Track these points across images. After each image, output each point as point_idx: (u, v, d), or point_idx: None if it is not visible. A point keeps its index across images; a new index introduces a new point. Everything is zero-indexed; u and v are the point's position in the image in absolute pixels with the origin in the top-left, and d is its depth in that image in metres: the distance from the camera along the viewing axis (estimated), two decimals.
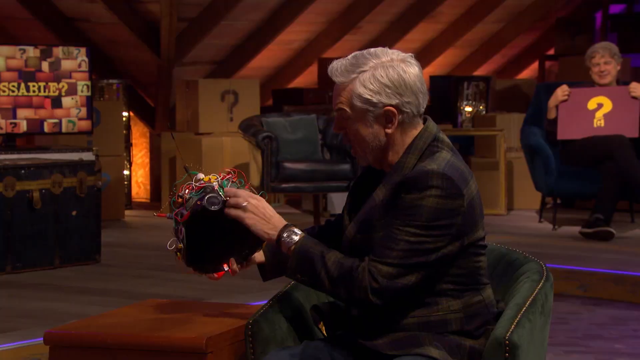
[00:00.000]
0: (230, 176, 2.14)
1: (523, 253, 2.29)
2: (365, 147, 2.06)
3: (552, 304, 2.18)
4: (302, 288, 2.27)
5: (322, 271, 2.00)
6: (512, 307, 2.08)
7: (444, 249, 2.00)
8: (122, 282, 4.75)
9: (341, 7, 7.44)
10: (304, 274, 2.04)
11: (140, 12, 6.70)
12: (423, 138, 2.06)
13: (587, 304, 4.57)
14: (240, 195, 2.09)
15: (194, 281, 4.73)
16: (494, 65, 9.08)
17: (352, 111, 2.05)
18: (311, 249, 2.04)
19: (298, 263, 2.04)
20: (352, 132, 2.07)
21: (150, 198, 7.46)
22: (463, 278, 2.07)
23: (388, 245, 1.98)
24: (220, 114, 6.70)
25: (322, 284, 2.02)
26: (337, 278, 2.00)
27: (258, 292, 4.38)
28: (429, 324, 2.05)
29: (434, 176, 1.98)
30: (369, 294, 1.97)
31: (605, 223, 5.58)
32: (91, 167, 5.21)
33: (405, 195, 1.99)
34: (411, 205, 1.98)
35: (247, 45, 7.29)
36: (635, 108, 5.69)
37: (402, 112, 2.04)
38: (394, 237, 1.98)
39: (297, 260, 2.04)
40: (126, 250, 5.58)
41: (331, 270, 2.00)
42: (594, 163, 5.70)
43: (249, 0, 6.76)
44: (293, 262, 2.04)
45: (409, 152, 2.05)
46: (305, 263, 2.02)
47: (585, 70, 5.95)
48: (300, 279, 2.05)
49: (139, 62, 7.06)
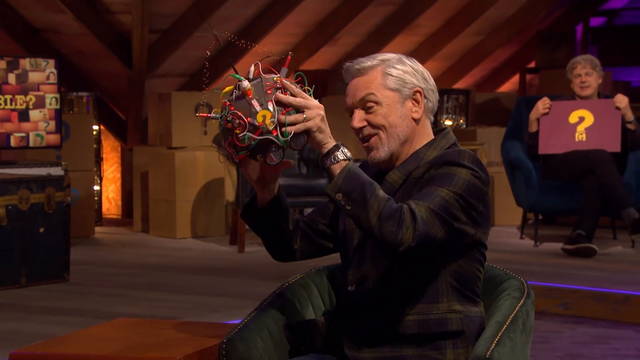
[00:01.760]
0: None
1: (504, 270, 2.26)
2: (392, 133, 2.07)
3: (533, 321, 2.15)
4: (277, 306, 2.16)
5: (373, 199, 1.91)
6: (493, 324, 2.06)
7: (465, 224, 2.00)
8: (91, 301, 4.62)
9: (318, 19, 7.36)
10: (348, 196, 1.91)
11: (110, 23, 6.56)
12: (446, 138, 2.12)
13: (568, 322, 4.50)
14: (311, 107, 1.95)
15: (166, 300, 4.60)
16: (474, 78, 9.03)
17: (381, 95, 2.07)
18: (362, 173, 1.95)
19: (346, 181, 1.92)
20: (380, 118, 2.07)
21: (121, 214, 7.32)
22: (464, 280, 2.07)
23: (423, 198, 1.98)
24: (194, 127, 6.55)
25: (367, 211, 1.91)
26: (387, 211, 1.91)
27: (232, 310, 4.24)
28: (428, 323, 2.03)
29: (466, 156, 2.03)
30: (412, 235, 1.91)
31: (587, 239, 5.52)
32: (60, 182, 5.06)
33: (438, 170, 2.02)
34: (445, 175, 2.00)
35: (222, 57, 7.16)
36: (617, 122, 5.64)
37: (427, 98, 2.10)
38: (429, 193, 1.98)
39: (346, 178, 1.92)
40: (96, 268, 5.44)
41: (382, 202, 1.92)
42: (576, 178, 5.64)
43: (223, 11, 6.65)
44: (340, 179, 1.92)
45: (430, 146, 2.10)
46: (354, 184, 1.92)
47: (566, 83, 5.90)
48: (341, 199, 1.91)
49: (110, 74, 6.92)
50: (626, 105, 5.67)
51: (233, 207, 5.96)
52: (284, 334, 2.11)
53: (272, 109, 1.91)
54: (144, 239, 6.43)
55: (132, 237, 6.56)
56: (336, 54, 7.79)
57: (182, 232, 6.38)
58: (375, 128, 2.06)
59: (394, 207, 1.92)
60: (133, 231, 6.74)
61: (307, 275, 2.28)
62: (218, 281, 5.06)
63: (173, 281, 5.07)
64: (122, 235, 6.61)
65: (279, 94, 1.93)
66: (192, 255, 5.83)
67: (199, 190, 6.41)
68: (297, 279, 2.27)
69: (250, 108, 1.91)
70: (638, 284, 4.74)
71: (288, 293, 2.22)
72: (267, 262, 5.65)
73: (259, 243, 6.24)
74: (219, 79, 6.95)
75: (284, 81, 1.96)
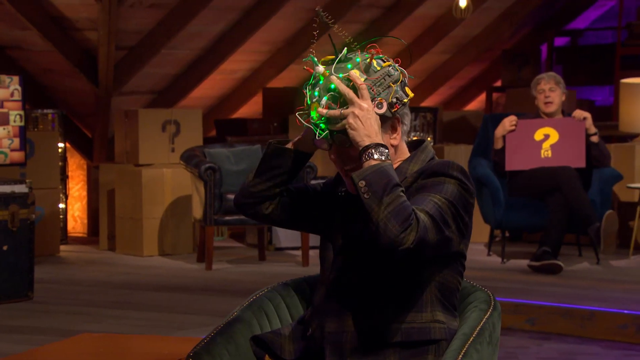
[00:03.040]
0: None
1: (471, 282, 2.26)
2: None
3: (499, 334, 2.15)
4: (245, 319, 2.13)
5: (390, 196, 1.94)
6: (459, 336, 2.06)
7: (453, 233, 2.02)
8: (55, 319, 4.54)
9: (286, 36, 7.37)
10: (370, 186, 1.95)
11: (76, 40, 6.51)
12: (425, 151, 2.13)
13: (535, 338, 4.50)
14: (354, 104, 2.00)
15: (132, 317, 4.54)
16: (441, 96, 9.08)
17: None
18: (393, 175, 1.98)
19: (373, 174, 1.95)
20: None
21: (87, 232, 7.24)
22: (446, 292, 2.08)
23: (418, 203, 2.00)
24: (161, 144, 6.51)
25: (380, 204, 1.94)
26: (397, 210, 1.93)
27: (199, 327, 4.19)
28: (411, 331, 2.04)
29: (455, 167, 2.05)
30: (414, 238, 1.93)
31: (553, 256, 5.55)
32: (24, 199, 4.99)
33: (426, 180, 2.05)
34: (435, 183, 2.03)
35: (189, 75, 7.15)
36: (581, 138, 5.70)
37: (403, 123, 2.11)
38: (423, 199, 2.01)
39: (375, 171, 1.96)
40: (60, 287, 5.36)
41: (397, 201, 1.94)
42: (542, 195, 5.67)
43: (190, 28, 6.63)
44: (368, 170, 1.96)
45: (410, 161, 2.11)
46: (379, 178, 1.95)
47: (532, 102, 5.95)
48: (363, 187, 1.95)
49: (76, 92, 6.86)
50: (589, 117, 5.73)
51: (201, 224, 5.92)
52: (251, 347, 2.09)
53: (322, 103, 2.00)
54: (110, 257, 6.36)
55: (98, 255, 6.49)
56: (304, 71, 7.74)
57: (149, 250, 6.32)
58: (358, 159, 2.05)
59: (406, 209, 1.94)
60: (99, 249, 6.66)
61: (274, 288, 2.26)
62: (185, 299, 5.01)
63: (139, 299, 5.01)
64: (87, 254, 6.54)
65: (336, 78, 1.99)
66: (159, 273, 5.78)
67: (166, 207, 6.36)
68: (264, 291, 2.25)
69: (312, 96, 2.02)
70: (603, 300, 4.76)
71: (255, 306, 2.19)
72: (235, 279, 5.64)
73: (227, 260, 6.20)
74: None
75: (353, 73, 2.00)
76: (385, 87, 2.03)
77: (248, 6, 6.84)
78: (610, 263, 5.87)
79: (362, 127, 1.97)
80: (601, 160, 5.74)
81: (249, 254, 6.45)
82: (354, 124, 1.98)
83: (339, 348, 2.04)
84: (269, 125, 7.30)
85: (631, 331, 4.43)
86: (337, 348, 2.05)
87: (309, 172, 5.90)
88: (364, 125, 1.97)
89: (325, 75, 2.01)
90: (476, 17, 8.09)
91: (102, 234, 6.68)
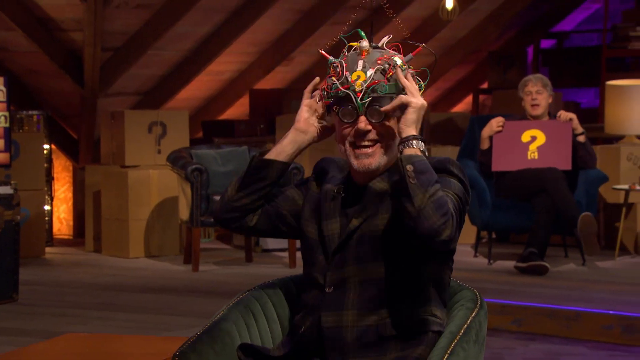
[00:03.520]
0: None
1: (457, 281, 2.26)
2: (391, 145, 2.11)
3: (486, 332, 2.16)
4: (231, 319, 2.12)
5: (435, 186, 1.96)
6: (446, 335, 2.07)
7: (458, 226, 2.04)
8: (40, 321, 4.52)
9: (272, 38, 7.36)
10: (417, 171, 1.97)
11: (62, 41, 6.48)
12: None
13: (521, 338, 4.51)
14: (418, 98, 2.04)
15: (117, 319, 4.52)
16: (428, 98, 9.04)
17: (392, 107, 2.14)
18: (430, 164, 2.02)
19: (421, 162, 1.99)
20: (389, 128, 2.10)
21: (73, 234, 7.20)
22: (441, 287, 2.11)
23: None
24: (147, 146, 6.49)
25: (425, 192, 1.96)
26: (441, 202, 1.96)
27: (186, 329, 4.18)
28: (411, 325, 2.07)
29: (455, 165, 2.09)
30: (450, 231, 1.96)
31: (540, 257, 5.56)
32: (9, 200, 4.96)
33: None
34: (443, 179, 2.05)
35: (176, 76, 7.13)
36: (568, 141, 5.72)
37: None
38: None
39: (421, 161, 1.99)
40: (46, 288, 5.33)
41: (439, 193, 1.97)
42: (528, 196, 5.68)
43: (177, 29, 6.61)
44: (416, 157, 1.99)
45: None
46: (426, 166, 1.99)
47: (518, 104, 5.96)
48: (410, 170, 1.97)
49: (61, 93, 6.83)
50: (575, 117, 5.76)
51: (187, 226, 5.90)
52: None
53: (369, 74, 2.03)
54: (96, 259, 6.33)
55: (84, 257, 6.45)
56: (291, 73, 7.79)
57: (135, 252, 6.30)
58: (381, 136, 2.09)
59: (446, 204, 1.97)
60: (85, 251, 6.63)
61: (261, 287, 2.26)
62: (172, 300, 4.99)
63: (125, 300, 4.99)
64: (73, 255, 6.51)
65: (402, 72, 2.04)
66: (145, 275, 5.75)
67: (152, 209, 6.34)
68: (250, 291, 2.24)
69: (354, 65, 2.05)
70: (589, 301, 4.77)
71: (242, 305, 2.19)
72: (221, 280, 5.62)
73: (214, 262, 6.19)
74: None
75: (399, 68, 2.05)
76: (417, 82, 2.09)
77: (235, 7, 6.83)
78: (596, 264, 5.88)
79: (416, 119, 2.01)
80: (587, 160, 5.76)
81: (236, 255, 6.44)
82: (419, 115, 2.00)
83: (339, 343, 2.05)
84: (256, 127, 7.28)
85: (616, 332, 4.44)
86: (337, 343, 2.05)
87: (296, 174, 5.89)
88: (417, 118, 2.01)
89: (367, 51, 2.06)
90: (462, 19, 8.10)
91: (88, 236, 6.64)
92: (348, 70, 2.05)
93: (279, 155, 2.14)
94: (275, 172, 2.13)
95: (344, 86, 2.04)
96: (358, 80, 2.04)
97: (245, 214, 2.16)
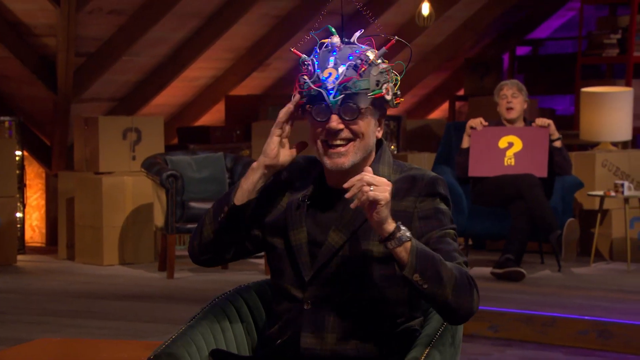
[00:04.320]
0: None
1: None
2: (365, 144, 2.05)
3: (462, 335, 2.15)
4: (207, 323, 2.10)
5: (445, 273, 1.91)
6: (422, 337, 2.06)
7: None
8: (12, 328, 4.46)
9: (248, 44, 7.33)
10: (425, 275, 1.90)
11: (34, 46, 6.42)
12: (386, 151, 2.11)
13: (497, 344, 4.52)
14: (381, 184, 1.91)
15: (91, 327, 4.47)
16: (404, 105, 9.10)
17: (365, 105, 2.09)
18: (426, 248, 1.94)
19: (419, 261, 1.90)
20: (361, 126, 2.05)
21: (45, 242, 7.11)
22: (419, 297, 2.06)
23: (450, 249, 1.99)
24: (121, 152, 6.43)
25: (444, 287, 1.91)
26: (459, 283, 1.93)
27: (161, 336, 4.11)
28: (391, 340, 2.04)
29: (440, 183, 2.05)
30: (478, 297, 1.96)
31: (516, 263, 5.57)
32: None
33: (423, 203, 2.02)
34: (435, 212, 2.02)
35: (151, 82, 7.08)
36: (544, 148, 5.74)
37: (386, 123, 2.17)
38: (446, 240, 2.01)
39: (418, 258, 1.90)
40: (17, 296, 5.27)
41: (452, 274, 1.92)
42: (504, 202, 5.69)
43: (151, 35, 6.57)
44: (413, 259, 1.90)
45: (378, 162, 2.08)
46: (425, 262, 1.91)
47: (494, 109, 5.98)
48: (418, 279, 1.90)
49: (34, 99, 6.75)
50: (552, 123, 5.78)
51: (162, 233, 5.85)
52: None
53: (341, 71, 1.98)
54: (69, 267, 6.26)
55: (57, 264, 6.38)
56: (267, 79, 7.76)
57: (109, 259, 6.23)
58: (354, 134, 2.03)
59: (463, 276, 1.93)
60: (58, 259, 6.55)
61: (237, 291, 2.23)
62: (147, 307, 4.94)
63: (99, 308, 4.93)
64: (46, 263, 6.42)
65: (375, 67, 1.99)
66: (119, 282, 5.69)
67: (127, 215, 6.27)
68: (226, 295, 2.21)
69: (325, 62, 2.00)
70: (565, 306, 4.79)
71: (217, 309, 2.16)
72: (197, 287, 5.57)
73: (189, 269, 6.13)
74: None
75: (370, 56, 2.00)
76: (392, 78, 2.03)
77: (210, 13, 6.79)
78: (572, 270, 5.90)
79: (387, 213, 1.89)
80: (563, 166, 5.78)
81: None
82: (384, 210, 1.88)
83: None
84: (231, 133, 7.25)
85: (592, 337, 4.45)
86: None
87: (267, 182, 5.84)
88: (388, 211, 1.89)
89: (339, 47, 2.01)
90: (438, 26, 8.12)
91: (61, 243, 6.57)
92: (320, 68, 2.01)
93: (252, 193, 2.06)
94: (250, 209, 2.07)
95: (316, 84, 2.00)
96: (330, 78, 1.99)
97: (224, 250, 2.10)
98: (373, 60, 2.01)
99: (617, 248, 6.29)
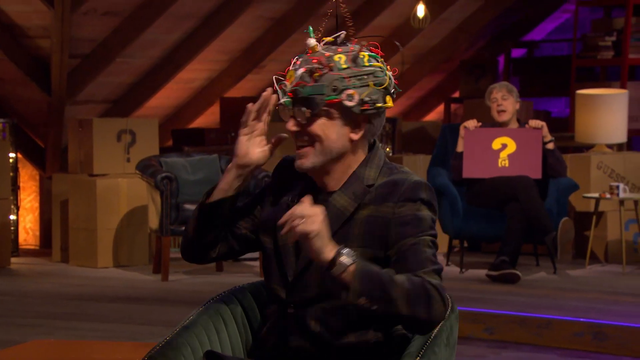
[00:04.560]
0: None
1: None
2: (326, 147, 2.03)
3: (457, 336, 2.14)
4: (201, 324, 2.08)
5: (394, 289, 1.88)
6: (417, 338, 2.05)
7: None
8: (5, 331, 4.44)
9: (243, 46, 7.33)
10: (372, 297, 1.88)
11: (28, 48, 6.40)
12: (378, 154, 2.07)
13: (493, 347, 4.51)
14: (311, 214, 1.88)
15: (85, 329, 4.45)
16: (400, 107, 9.10)
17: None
18: (374, 268, 1.90)
19: (363, 284, 1.87)
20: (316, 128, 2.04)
21: (39, 244, 7.09)
22: None
23: (420, 257, 1.95)
24: (116, 154, 6.41)
25: (395, 304, 1.88)
26: (413, 296, 1.89)
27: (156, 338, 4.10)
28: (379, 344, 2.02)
29: (423, 187, 2.01)
30: (443, 306, 1.91)
31: (511, 265, 5.57)
32: None
33: (402, 209, 1.99)
34: (413, 218, 1.98)
35: (145, 84, 7.06)
36: (538, 150, 5.75)
37: (371, 123, 2.04)
38: (419, 248, 1.97)
39: (362, 281, 1.87)
40: (11, 299, 5.25)
41: (404, 288, 1.89)
42: (499, 204, 5.69)
43: (146, 37, 6.56)
44: (356, 284, 1.87)
45: (365, 165, 2.05)
46: (371, 283, 1.87)
47: (489, 112, 5.98)
48: (365, 302, 1.88)
49: (28, 101, 6.74)
50: (545, 125, 5.79)
51: (157, 235, 5.83)
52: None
53: (297, 74, 1.98)
54: (63, 269, 6.24)
55: (51, 267, 6.36)
56: (262, 81, 7.76)
57: (103, 262, 6.21)
58: (312, 137, 2.02)
59: (418, 287, 1.89)
60: (52, 261, 6.53)
61: (231, 292, 2.22)
62: (141, 310, 4.92)
63: (93, 310, 4.91)
64: (39, 266, 6.40)
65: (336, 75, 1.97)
66: (113, 285, 5.67)
67: (121, 218, 6.25)
68: (220, 296, 2.20)
69: (294, 64, 2.02)
70: (560, 308, 4.79)
71: (212, 309, 2.15)
72: (192, 289, 5.56)
73: (184, 271, 6.12)
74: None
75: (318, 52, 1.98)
76: (364, 84, 1.98)
77: (205, 15, 6.79)
78: (567, 272, 5.90)
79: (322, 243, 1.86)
80: (557, 168, 5.78)
81: (207, 265, 6.38)
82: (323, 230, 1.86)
83: None
84: (226, 135, 7.23)
85: (587, 339, 4.45)
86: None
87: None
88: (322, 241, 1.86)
89: (315, 50, 2.00)
90: (434, 28, 8.12)
91: (55, 246, 6.55)
92: (292, 68, 2.02)
93: (227, 192, 2.05)
94: (226, 208, 2.06)
95: (280, 86, 2.02)
96: (289, 80, 2.00)
97: (208, 248, 2.10)
98: (338, 65, 1.97)
99: (612, 250, 6.29)
